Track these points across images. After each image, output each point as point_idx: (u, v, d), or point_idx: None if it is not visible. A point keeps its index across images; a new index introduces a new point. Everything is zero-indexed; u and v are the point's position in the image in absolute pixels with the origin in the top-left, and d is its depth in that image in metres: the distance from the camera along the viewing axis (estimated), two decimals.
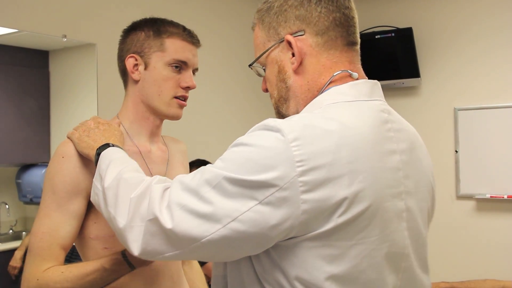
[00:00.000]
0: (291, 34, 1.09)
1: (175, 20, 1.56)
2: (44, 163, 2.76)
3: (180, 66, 1.51)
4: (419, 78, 3.88)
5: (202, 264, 2.88)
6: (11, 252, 2.61)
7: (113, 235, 1.45)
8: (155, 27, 1.52)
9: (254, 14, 1.18)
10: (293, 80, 1.11)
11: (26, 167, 2.73)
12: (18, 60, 2.68)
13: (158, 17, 1.56)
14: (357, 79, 1.09)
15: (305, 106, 1.09)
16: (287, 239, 0.96)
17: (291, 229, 0.94)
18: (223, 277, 1.14)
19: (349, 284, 0.98)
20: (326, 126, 0.96)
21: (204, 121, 3.48)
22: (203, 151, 3.31)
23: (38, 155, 2.78)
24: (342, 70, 1.08)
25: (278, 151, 0.93)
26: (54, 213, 1.40)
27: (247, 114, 3.86)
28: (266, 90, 1.20)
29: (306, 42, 1.08)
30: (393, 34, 3.85)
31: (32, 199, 2.71)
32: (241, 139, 1.00)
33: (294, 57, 1.09)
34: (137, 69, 1.51)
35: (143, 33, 1.52)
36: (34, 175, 2.72)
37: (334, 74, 1.08)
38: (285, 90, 1.12)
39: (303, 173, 0.92)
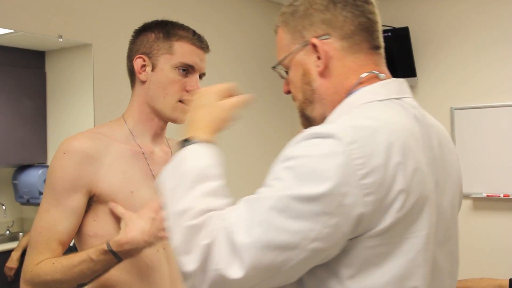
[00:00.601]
0: (316, 38, 1.10)
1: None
2: (41, 164, 2.76)
3: (187, 69, 1.52)
4: (416, 78, 3.89)
5: None
6: (7, 253, 2.61)
7: (112, 233, 1.45)
8: (165, 29, 1.53)
9: (278, 17, 1.18)
10: (318, 83, 1.11)
11: (22, 167, 2.73)
12: (14, 61, 2.68)
13: (170, 20, 1.57)
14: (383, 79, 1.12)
15: (332, 108, 1.10)
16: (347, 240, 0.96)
17: (354, 232, 0.94)
18: None
19: (407, 280, 0.98)
20: (373, 125, 0.97)
21: None
22: None
23: (35, 155, 2.78)
24: (369, 72, 1.10)
25: (338, 157, 0.92)
26: (53, 209, 1.41)
27: (252, 117, 3.86)
28: (288, 92, 1.19)
29: (331, 45, 1.09)
30: (389, 34, 3.85)
31: (28, 200, 2.71)
32: (290, 152, 0.97)
33: (319, 60, 1.10)
34: (145, 70, 1.52)
35: (153, 35, 1.53)
36: (31, 176, 2.72)
37: (362, 75, 1.09)
38: (311, 93, 1.13)
39: (364, 176, 0.92)
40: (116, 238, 1.32)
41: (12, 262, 2.59)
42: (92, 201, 1.46)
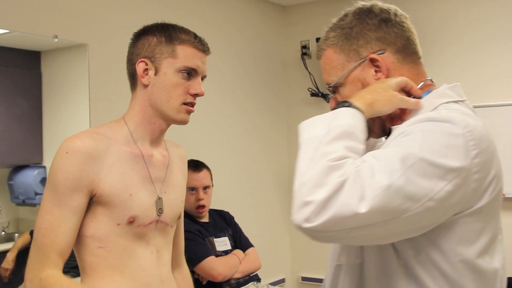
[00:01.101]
0: (373, 53, 1.25)
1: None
2: (37, 164, 2.75)
3: (190, 73, 1.54)
4: None
5: (194, 265, 2.88)
6: (3, 254, 2.59)
7: (109, 235, 1.48)
8: (167, 33, 1.54)
9: (322, 41, 1.32)
10: None
11: (18, 168, 2.72)
12: (10, 61, 2.67)
13: (169, 23, 1.59)
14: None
15: (391, 116, 1.23)
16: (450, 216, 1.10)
17: (459, 207, 1.09)
18: (359, 266, 1.22)
19: (492, 255, 1.15)
20: (471, 118, 1.13)
21: (201, 122, 3.48)
22: (198, 152, 3.30)
23: (31, 156, 2.77)
24: (426, 79, 1.28)
25: (459, 138, 1.07)
26: (56, 209, 1.42)
27: (250, 117, 3.86)
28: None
29: (388, 59, 1.25)
30: None
31: (24, 201, 2.70)
32: (410, 129, 1.10)
33: (379, 73, 1.24)
34: (147, 74, 1.54)
35: (154, 38, 1.54)
36: (27, 177, 2.71)
37: (425, 79, 1.27)
38: None
39: (475, 156, 1.07)
40: None
41: (7, 263, 2.58)
42: (92, 201, 1.47)
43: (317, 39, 3.89)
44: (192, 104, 1.56)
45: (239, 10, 3.87)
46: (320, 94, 4.04)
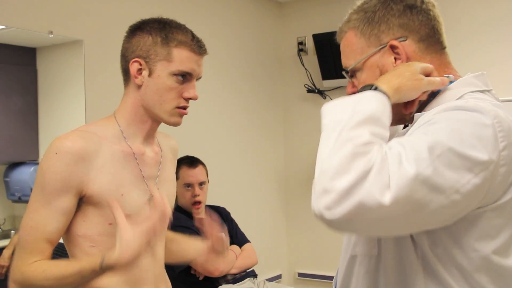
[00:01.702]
0: (395, 40, 1.20)
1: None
2: (33, 161, 2.74)
3: (184, 76, 1.51)
4: None
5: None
6: None
7: (101, 234, 1.47)
8: (164, 33, 1.50)
9: (344, 23, 1.28)
10: None
11: (14, 165, 2.71)
12: (5, 58, 2.67)
13: (167, 18, 1.55)
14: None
15: (412, 105, 1.18)
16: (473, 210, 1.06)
17: (484, 201, 1.04)
18: (375, 257, 1.19)
19: (509, 249, 1.10)
20: (498, 109, 1.08)
21: (197, 118, 3.47)
22: (194, 147, 3.30)
23: (26, 153, 2.76)
24: (448, 74, 1.21)
25: (488, 129, 1.02)
26: (42, 209, 1.41)
27: (243, 113, 3.86)
28: (353, 93, 1.22)
29: (409, 47, 1.20)
30: None
31: (20, 198, 2.69)
32: (436, 118, 1.05)
33: (398, 61, 1.20)
34: (141, 74, 1.50)
35: (150, 38, 1.50)
36: (22, 173, 2.71)
37: (449, 70, 1.22)
38: None
39: (504, 148, 1.03)
40: (109, 261, 1.31)
41: (3, 260, 2.57)
42: (82, 201, 1.46)
43: (314, 36, 3.90)
44: (185, 107, 1.53)
45: (235, 6, 3.86)
46: (316, 91, 4.04)
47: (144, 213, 1.53)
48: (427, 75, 1.17)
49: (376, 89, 1.10)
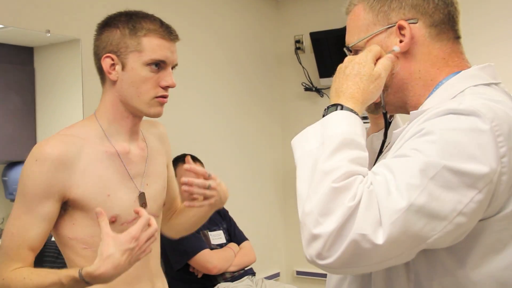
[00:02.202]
0: (404, 20, 1.10)
1: (167, 15, 1.54)
2: None
3: (158, 64, 1.47)
4: None
5: (189, 258, 2.88)
6: None
7: (92, 236, 1.45)
8: (131, 23, 1.47)
9: None
10: (400, 67, 1.11)
11: (12, 164, 2.71)
12: (3, 57, 2.66)
13: (134, 10, 1.52)
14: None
15: (414, 93, 1.10)
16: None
17: (485, 212, 0.94)
18: (367, 276, 1.09)
19: None
20: (499, 105, 0.97)
21: (195, 117, 3.48)
22: (192, 146, 3.30)
23: (24, 152, 2.70)
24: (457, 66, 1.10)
25: (486, 135, 0.91)
26: (24, 216, 1.40)
27: (241, 112, 3.86)
28: None
29: (419, 31, 1.10)
30: None
31: None
32: (429, 127, 0.94)
33: (401, 43, 1.10)
34: (114, 69, 1.48)
35: (118, 31, 1.47)
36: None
37: (459, 60, 1.11)
38: (389, 77, 1.11)
39: (504, 154, 0.92)
40: (89, 270, 1.29)
41: None
42: (68, 205, 1.45)
43: (311, 34, 3.90)
44: (164, 96, 1.50)
45: (232, 4, 3.86)
46: (314, 89, 4.04)
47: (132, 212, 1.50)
48: (378, 58, 1.09)
49: (342, 108, 1.02)
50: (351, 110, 1.01)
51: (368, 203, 0.88)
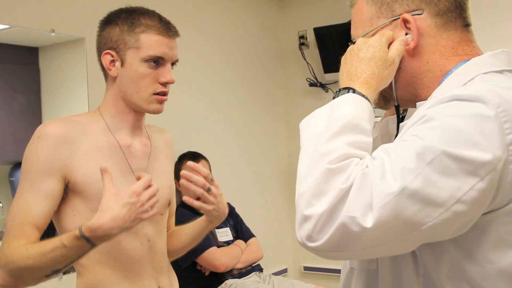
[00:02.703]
0: (408, 13, 1.06)
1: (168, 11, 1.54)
2: None
3: (157, 61, 1.48)
4: None
5: (197, 256, 2.88)
6: None
7: None
8: (129, 20, 1.48)
9: None
10: (407, 60, 1.07)
11: (19, 164, 2.70)
12: (8, 58, 2.67)
13: (135, 6, 1.52)
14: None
15: (424, 86, 1.07)
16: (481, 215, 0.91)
17: (492, 203, 0.89)
18: (373, 271, 1.07)
19: None
20: (507, 91, 0.92)
21: (200, 114, 3.48)
22: (197, 143, 3.31)
23: None
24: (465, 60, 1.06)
25: (491, 121, 0.86)
26: (27, 193, 1.40)
27: (245, 108, 3.86)
28: None
29: (424, 22, 1.05)
30: None
31: None
32: (431, 113, 0.90)
33: (408, 36, 1.06)
34: (114, 65, 1.49)
35: (117, 28, 1.49)
36: None
37: (470, 48, 1.06)
38: (397, 72, 1.08)
39: (511, 141, 0.87)
40: (88, 224, 1.28)
41: None
42: (68, 190, 1.45)
43: (315, 29, 3.89)
44: (163, 93, 1.50)
45: (235, 1, 3.86)
46: (318, 84, 4.03)
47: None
48: (391, 42, 1.06)
49: (354, 92, 0.99)
50: (363, 96, 0.98)
51: (361, 185, 0.86)
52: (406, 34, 1.06)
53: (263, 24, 4.13)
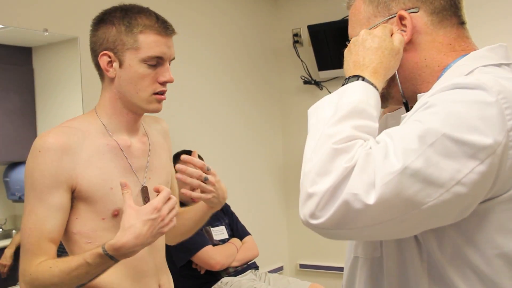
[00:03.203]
0: (404, 10, 1.09)
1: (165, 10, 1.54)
2: None
3: (155, 61, 1.48)
4: None
5: (192, 254, 2.89)
6: (1, 251, 2.60)
7: (96, 230, 1.46)
8: (126, 20, 1.47)
9: None
10: (405, 57, 1.09)
11: (13, 165, 2.71)
12: (1, 58, 2.66)
13: (129, 4, 1.51)
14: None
15: (423, 82, 1.09)
16: (480, 203, 0.93)
17: (492, 189, 0.92)
18: (377, 259, 1.09)
19: None
20: (507, 81, 0.95)
21: (194, 113, 3.48)
22: (191, 142, 3.31)
23: (25, 152, 2.69)
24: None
25: (492, 107, 0.89)
26: (37, 209, 1.40)
27: (240, 107, 3.86)
28: None
29: (421, 20, 1.08)
30: None
31: (20, 197, 2.69)
32: (433, 100, 0.93)
33: (404, 33, 1.08)
34: (112, 66, 1.48)
35: (114, 28, 1.47)
36: (22, 173, 2.66)
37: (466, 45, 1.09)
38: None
39: (510, 129, 0.89)
40: (111, 242, 1.31)
41: (5, 259, 2.58)
42: (73, 197, 1.45)
43: (309, 27, 3.89)
44: (162, 92, 1.50)
45: (233, 1, 3.86)
46: (313, 82, 4.04)
47: (137, 205, 1.52)
48: (392, 34, 1.09)
49: (363, 80, 1.02)
50: (372, 84, 1.01)
51: (364, 165, 0.88)
52: (403, 31, 1.09)
53: (257, 22, 4.13)
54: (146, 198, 1.54)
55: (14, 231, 2.70)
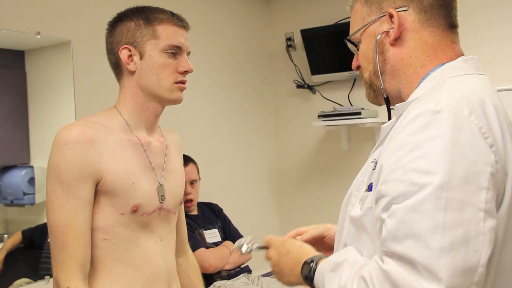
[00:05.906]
0: (394, 9, 1.13)
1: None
2: (24, 164, 2.74)
3: (175, 51, 1.52)
4: None
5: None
6: None
7: (113, 226, 1.45)
8: (144, 15, 1.52)
9: None
10: (392, 53, 1.14)
11: (5, 168, 2.70)
12: None
13: (140, 5, 1.56)
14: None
15: (406, 80, 1.13)
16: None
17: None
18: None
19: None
20: (477, 96, 0.98)
21: (188, 115, 3.48)
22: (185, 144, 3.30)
23: (18, 156, 2.75)
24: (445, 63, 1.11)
25: (467, 131, 0.92)
26: (67, 203, 1.38)
27: (233, 110, 3.87)
28: (357, 68, 1.23)
29: (408, 17, 1.12)
30: None
31: (12, 201, 2.68)
32: (411, 138, 0.94)
33: (390, 30, 1.13)
34: (132, 60, 1.51)
35: (132, 23, 1.52)
36: (14, 177, 2.69)
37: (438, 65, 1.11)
38: (382, 63, 1.15)
39: (491, 144, 0.93)
40: None
41: None
42: (96, 190, 1.44)
43: (302, 31, 3.91)
44: (183, 82, 1.54)
45: (223, 3, 3.87)
46: (306, 86, 4.05)
47: (153, 203, 1.52)
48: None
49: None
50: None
51: (398, 267, 0.89)
52: (391, 28, 1.13)
53: (250, 27, 4.14)
54: (162, 196, 1.55)
55: (5, 235, 2.68)
